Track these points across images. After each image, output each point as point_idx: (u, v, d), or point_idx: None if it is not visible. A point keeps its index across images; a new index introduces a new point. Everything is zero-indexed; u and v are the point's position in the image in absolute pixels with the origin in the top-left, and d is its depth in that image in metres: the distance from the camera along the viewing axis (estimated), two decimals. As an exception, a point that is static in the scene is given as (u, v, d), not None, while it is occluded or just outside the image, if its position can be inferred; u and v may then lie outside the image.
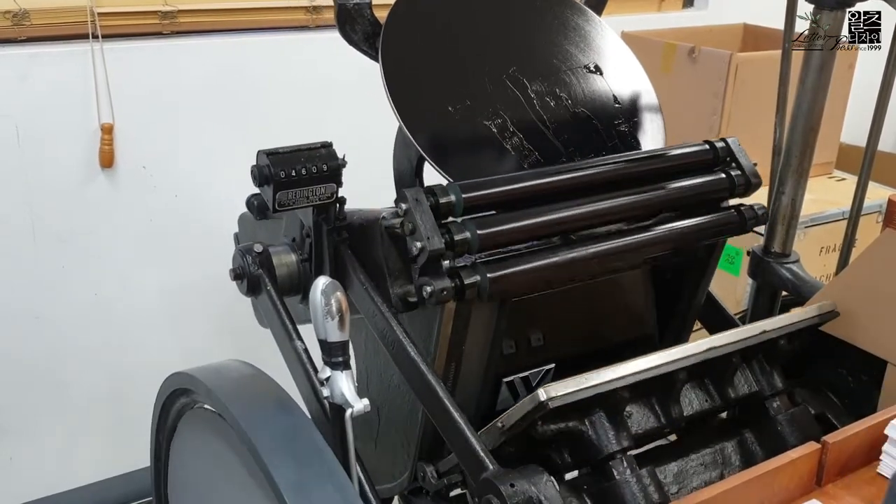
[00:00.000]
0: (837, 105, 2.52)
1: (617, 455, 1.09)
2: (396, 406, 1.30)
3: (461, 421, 1.05)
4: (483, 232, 1.10)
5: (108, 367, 2.20)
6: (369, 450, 1.37)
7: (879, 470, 1.04)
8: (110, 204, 2.09)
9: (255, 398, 1.11)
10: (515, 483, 0.97)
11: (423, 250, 1.06)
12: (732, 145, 1.31)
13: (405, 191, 1.09)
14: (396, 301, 1.14)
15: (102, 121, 2.00)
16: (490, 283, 1.09)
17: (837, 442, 1.01)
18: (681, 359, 1.13)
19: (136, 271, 2.17)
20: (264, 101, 2.19)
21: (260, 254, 1.26)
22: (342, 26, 1.26)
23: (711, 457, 1.20)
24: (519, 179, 1.19)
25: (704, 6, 2.92)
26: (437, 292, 1.06)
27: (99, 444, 2.24)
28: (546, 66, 1.33)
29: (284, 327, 1.22)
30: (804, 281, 1.38)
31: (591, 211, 1.20)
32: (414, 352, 1.12)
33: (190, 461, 1.34)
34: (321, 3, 2.25)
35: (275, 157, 1.16)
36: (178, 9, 2.09)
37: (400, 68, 1.22)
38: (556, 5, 1.39)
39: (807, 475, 1.01)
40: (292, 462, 0.97)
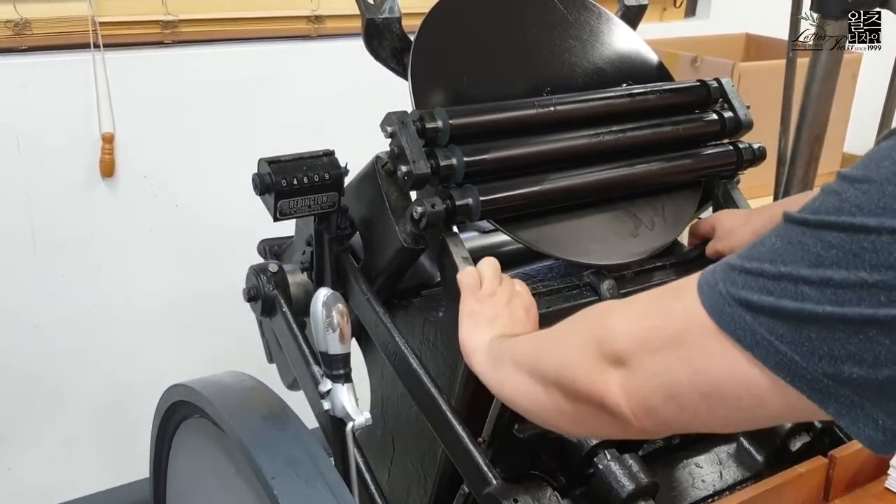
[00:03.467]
0: (841, 114, 2.51)
1: (598, 450, 1.09)
2: (414, 437, 1.29)
3: (464, 435, 1.04)
4: (470, 159, 1.11)
5: (109, 377, 2.19)
6: (383, 477, 1.36)
7: (887, 485, 1.02)
8: (111, 213, 2.08)
9: (254, 410, 1.10)
10: (519, 498, 0.97)
11: (408, 174, 1.07)
12: (726, 86, 1.32)
13: (391, 113, 1.10)
14: (405, 238, 1.14)
15: (103, 130, 1.99)
16: (482, 205, 1.10)
17: (845, 456, 1.00)
18: None
19: (136, 281, 2.15)
20: (266, 111, 2.18)
21: (275, 273, 1.24)
22: (369, 41, 1.23)
23: (708, 458, 1.20)
24: (509, 108, 1.20)
25: (706, 16, 2.91)
26: (428, 212, 1.07)
27: (99, 454, 2.23)
28: (581, 85, 1.30)
29: (301, 351, 1.19)
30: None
31: (580, 144, 1.21)
32: (416, 363, 1.11)
33: (189, 473, 1.33)
34: (323, 12, 2.24)
35: (276, 165, 1.15)
36: (179, 18, 2.08)
37: (429, 87, 1.20)
38: (593, 20, 1.36)
39: (814, 490, 1.00)
40: (291, 474, 0.96)
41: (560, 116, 1.22)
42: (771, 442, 1.19)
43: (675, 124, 1.29)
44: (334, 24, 2.24)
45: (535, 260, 1.37)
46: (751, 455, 1.21)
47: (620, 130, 1.25)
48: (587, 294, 1.19)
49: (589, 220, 1.22)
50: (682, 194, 1.31)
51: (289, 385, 1.44)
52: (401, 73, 1.26)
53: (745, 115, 1.32)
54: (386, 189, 1.16)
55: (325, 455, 1.01)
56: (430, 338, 1.22)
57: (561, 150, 1.21)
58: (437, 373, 1.17)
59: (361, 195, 1.23)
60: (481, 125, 1.17)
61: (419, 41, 1.22)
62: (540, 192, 1.18)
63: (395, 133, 1.10)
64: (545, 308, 1.15)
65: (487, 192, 1.12)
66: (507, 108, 1.20)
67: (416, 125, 1.11)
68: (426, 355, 1.21)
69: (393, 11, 1.22)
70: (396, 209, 1.16)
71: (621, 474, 1.04)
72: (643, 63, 1.37)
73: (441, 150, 1.11)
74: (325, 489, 0.94)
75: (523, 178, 1.18)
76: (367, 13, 1.21)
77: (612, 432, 0.76)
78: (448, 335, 1.17)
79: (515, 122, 1.20)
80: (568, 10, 1.35)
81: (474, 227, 1.44)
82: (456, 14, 1.29)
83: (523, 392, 0.83)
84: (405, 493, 1.32)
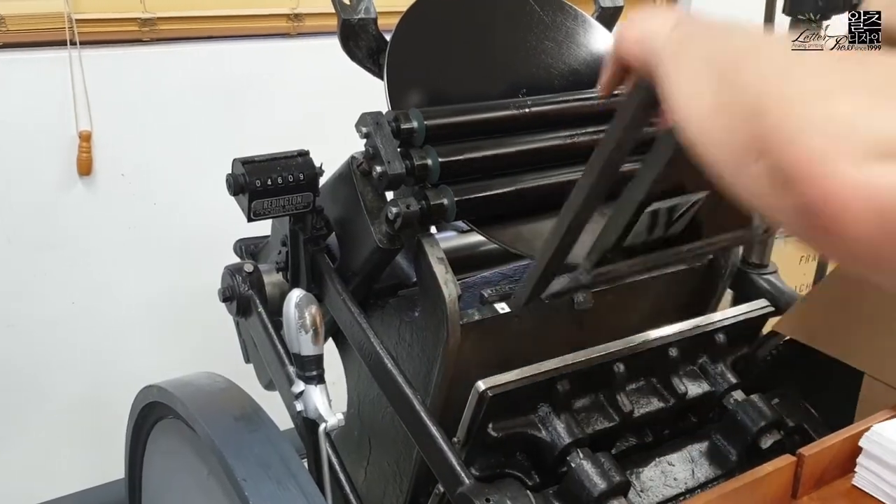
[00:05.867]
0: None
1: (572, 449, 1.10)
2: (390, 438, 1.29)
3: (437, 435, 1.05)
4: (445, 159, 1.11)
5: (86, 377, 2.18)
6: (359, 477, 1.36)
7: (854, 482, 1.04)
8: (88, 212, 2.07)
9: (227, 411, 1.10)
10: (491, 497, 0.97)
11: (383, 174, 1.07)
12: None
13: (366, 114, 1.10)
14: (381, 238, 1.14)
15: (80, 128, 1.98)
16: (457, 206, 1.10)
17: (813, 454, 1.01)
18: (615, 351, 1.16)
19: (114, 279, 2.15)
20: (245, 109, 2.17)
21: (250, 273, 1.24)
22: (345, 42, 1.22)
23: (680, 456, 1.21)
24: (484, 109, 1.20)
25: (686, 15, 2.93)
26: (403, 213, 1.07)
27: (76, 454, 2.22)
28: (556, 87, 1.31)
29: (276, 351, 1.19)
30: (781, 291, 1.38)
31: (555, 144, 1.21)
32: (391, 363, 1.12)
33: (163, 474, 1.33)
34: (303, 10, 2.24)
35: (250, 165, 1.15)
36: (157, 16, 2.07)
37: (405, 87, 1.20)
38: (569, 21, 1.36)
39: (782, 488, 1.01)
40: (263, 476, 0.96)
41: (535, 117, 1.22)
42: (742, 440, 1.21)
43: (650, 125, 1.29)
44: (314, 23, 2.24)
45: (512, 260, 1.38)
46: (722, 453, 1.22)
47: (596, 131, 1.25)
48: None
49: None
50: None
51: (265, 385, 1.45)
52: (377, 74, 1.26)
53: None
54: (361, 189, 1.16)
55: (297, 457, 1.02)
56: (406, 338, 1.23)
57: (536, 150, 1.22)
58: (413, 373, 1.18)
59: (337, 195, 1.23)
60: (457, 126, 1.18)
61: (395, 42, 1.22)
62: (515, 192, 1.18)
63: (370, 133, 1.10)
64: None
65: (463, 193, 1.13)
66: (483, 109, 1.20)
67: (391, 126, 1.11)
68: (402, 356, 1.22)
69: (369, 12, 1.22)
70: (372, 209, 1.16)
71: (594, 473, 1.05)
72: None
73: (416, 150, 1.12)
74: (296, 491, 0.94)
75: (499, 178, 1.18)
76: (343, 14, 1.21)
77: (786, 220, 0.51)
78: (424, 335, 1.17)
79: (491, 123, 1.20)
80: (544, 12, 1.35)
81: (452, 227, 1.45)
82: (432, 15, 1.29)
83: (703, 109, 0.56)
84: (381, 494, 1.32)
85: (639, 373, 1.21)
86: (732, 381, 1.26)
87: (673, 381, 1.22)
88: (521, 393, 1.09)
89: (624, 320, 1.27)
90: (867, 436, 1.03)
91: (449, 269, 1.11)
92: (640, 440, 1.24)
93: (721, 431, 1.24)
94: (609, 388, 1.17)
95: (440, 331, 1.11)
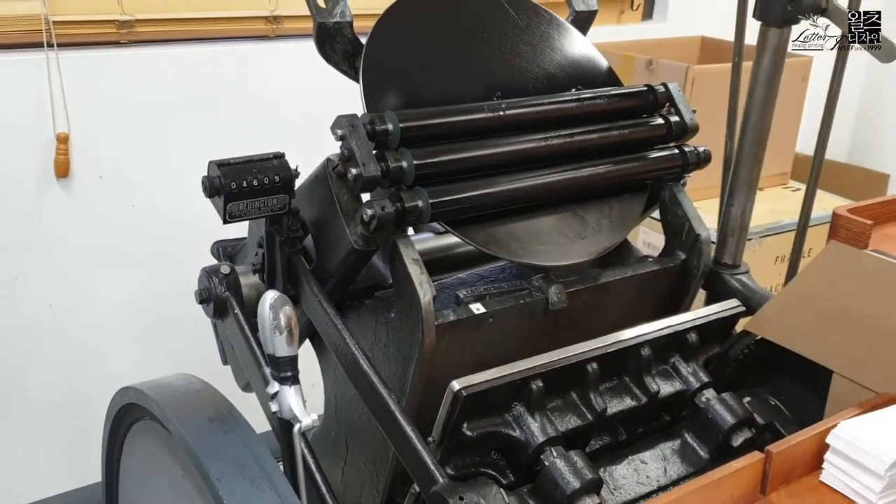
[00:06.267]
0: (792, 116, 2.57)
1: (545, 447, 1.11)
2: (366, 438, 1.30)
3: (412, 434, 1.06)
4: (420, 161, 1.12)
5: (64, 380, 2.17)
6: (337, 478, 1.37)
7: (822, 478, 1.05)
8: (66, 214, 2.06)
9: (201, 412, 1.10)
10: (465, 496, 0.98)
11: (358, 176, 1.08)
12: (673, 90, 1.36)
13: (341, 116, 1.11)
14: (356, 240, 1.15)
15: (58, 130, 1.98)
16: (432, 207, 1.12)
17: (781, 451, 1.03)
18: (588, 350, 1.18)
19: (92, 282, 2.14)
20: (223, 111, 2.17)
21: (227, 275, 1.25)
22: (321, 45, 1.24)
23: (653, 454, 1.23)
24: (459, 112, 1.21)
25: (663, 18, 2.96)
26: (378, 214, 1.08)
27: (54, 458, 2.21)
28: (531, 90, 1.32)
29: (252, 353, 1.19)
30: (753, 292, 1.40)
31: (529, 147, 1.23)
32: (366, 364, 1.13)
33: (140, 475, 1.33)
34: (282, 13, 2.25)
35: (226, 167, 1.16)
36: (135, 18, 2.07)
37: (380, 90, 1.22)
38: (543, 25, 1.38)
39: (751, 484, 1.02)
40: (237, 476, 0.97)
41: (510, 120, 1.24)
42: (714, 438, 1.23)
43: (622, 128, 1.31)
44: (292, 25, 2.25)
45: (488, 261, 1.40)
46: (694, 451, 1.24)
47: (569, 134, 1.27)
48: (537, 295, 1.21)
49: (537, 223, 1.25)
50: (628, 196, 1.34)
51: (243, 387, 1.45)
52: (353, 77, 1.27)
53: (692, 119, 1.35)
54: (337, 191, 1.17)
55: (272, 457, 1.02)
56: (382, 339, 1.23)
57: (510, 153, 1.23)
58: (389, 374, 1.19)
59: (313, 197, 1.23)
60: (432, 128, 1.19)
61: (371, 45, 1.23)
62: (489, 194, 1.20)
63: (345, 136, 1.11)
64: (494, 308, 1.17)
65: (438, 195, 1.14)
66: (458, 112, 1.22)
67: (366, 128, 1.12)
68: (378, 356, 1.22)
69: (344, 16, 1.23)
70: (347, 211, 1.17)
71: (567, 471, 1.06)
72: (592, 68, 1.40)
73: (391, 152, 1.13)
74: (270, 491, 0.95)
75: (473, 180, 1.20)
76: (319, 17, 1.22)
77: None
78: (400, 336, 1.18)
79: (466, 126, 1.22)
80: (519, 16, 1.37)
81: (429, 229, 1.46)
82: (408, 18, 1.30)
83: None
84: (358, 494, 1.33)
85: (612, 372, 1.23)
86: (704, 379, 1.28)
87: (645, 380, 1.23)
88: (496, 392, 1.10)
89: (599, 320, 1.28)
90: (834, 433, 1.05)
91: (424, 270, 1.12)
92: (613, 438, 1.26)
93: (693, 429, 1.25)
94: (582, 387, 1.19)
95: (415, 331, 1.12)
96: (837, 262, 1.22)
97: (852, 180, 3.22)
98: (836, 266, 1.22)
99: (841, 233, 1.21)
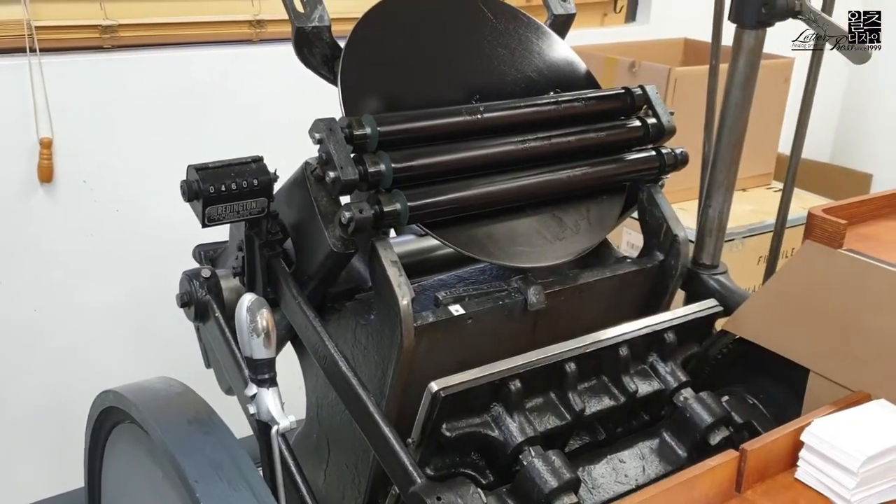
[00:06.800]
0: (774, 118, 2.59)
1: (524, 447, 1.12)
2: (347, 440, 1.31)
3: (391, 436, 1.07)
4: (398, 165, 1.13)
5: (48, 385, 2.17)
6: (319, 480, 1.38)
7: (797, 475, 1.06)
8: (50, 219, 2.06)
9: (180, 415, 1.11)
10: (442, 496, 0.99)
11: (336, 179, 1.09)
12: (650, 93, 1.37)
13: (319, 120, 1.12)
14: (335, 242, 1.16)
15: (41, 135, 1.98)
16: (410, 210, 1.12)
17: (755, 449, 1.04)
18: (566, 351, 1.19)
19: (76, 286, 2.14)
20: (207, 115, 2.18)
21: (208, 278, 1.25)
22: (300, 50, 1.25)
23: (631, 453, 1.24)
24: (437, 115, 1.22)
25: (646, 21, 2.97)
26: (356, 217, 1.09)
27: (37, 463, 2.20)
28: (509, 93, 1.33)
29: (233, 356, 1.20)
30: (731, 291, 1.41)
31: (508, 150, 1.24)
32: (345, 366, 1.13)
33: (122, 478, 1.33)
34: (265, 17, 2.25)
35: (204, 172, 1.16)
36: (118, 23, 2.08)
37: (359, 94, 1.22)
38: (522, 29, 1.39)
39: (727, 482, 1.03)
40: (215, 478, 0.98)
41: (488, 123, 1.25)
42: (691, 437, 1.24)
43: (599, 130, 1.33)
44: (275, 29, 2.25)
45: (468, 263, 1.40)
46: (672, 450, 1.25)
47: (547, 137, 1.28)
48: (515, 296, 1.22)
49: (516, 224, 1.26)
50: (606, 198, 1.35)
51: (226, 390, 1.45)
52: (331, 81, 1.27)
53: (669, 121, 1.36)
54: (315, 194, 1.18)
55: (249, 459, 1.03)
56: (362, 341, 1.24)
57: (488, 156, 1.24)
58: (369, 376, 1.19)
59: (292, 200, 1.24)
60: (410, 132, 1.20)
61: (349, 49, 1.24)
62: (468, 197, 1.21)
63: (323, 139, 1.12)
64: (473, 309, 1.18)
65: (416, 198, 1.15)
66: (436, 115, 1.23)
67: (344, 132, 1.12)
68: (358, 359, 1.23)
69: (322, 20, 1.24)
70: (326, 214, 1.18)
71: (545, 470, 1.07)
72: (571, 71, 1.41)
73: (370, 156, 1.13)
74: (247, 491, 0.96)
75: (452, 183, 1.20)
76: (297, 22, 1.23)
77: None
78: (379, 338, 1.19)
79: (444, 129, 1.22)
80: (498, 20, 1.38)
81: (410, 231, 1.46)
82: (386, 22, 1.31)
83: None
84: (340, 496, 1.33)
85: (590, 372, 1.24)
86: (682, 379, 1.29)
87: (624, 379, 1.25)
88: (474, 393, 1.11)
89: (578, 321, 1.29)
90: (808, 430, 1.06)
91: (402, 272, 1.13)
92: (592, 438, 1.27)
93: (671, 428, 1.26)
94: (561, 387, 1.20)
95: (394, 333, 1.13)
96: (813, 262, 1.23)
97: (835, 180, 3.24)
98: (811, 266, 1.23)
99: (816, 233, 1.22)
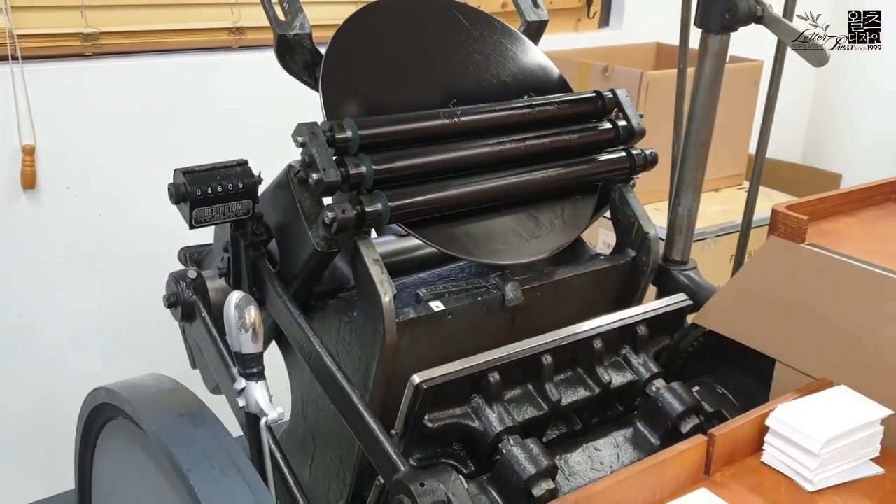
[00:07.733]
0: (744, 120, 2.66)
1: (503, 436, 1.16)
2: (332, 434, 1.34)
3: (374, 425, 1.11)
4: (378, 167, 1.18)
5: (34, 389, 2.18)
6: (305, 475, 1.42)
7: (763, 458, 1.11)
8: (33, 225, 2.08)
9: (172, 409, 1.14)
10: (425, 482, 1.03)
11: (319, 181, 1.13)
12: (621, 96, 1.42)
13: (302, 124, 1.16)
14: (318, 242, 1.20)
15: (24, 142, 2.00)
16: (391, 210, 1.17)
17: (723, 434, 1.09)
18: (542, 344, 1.24)
19: (60, 291, 2.16)
20: (188, 122, 2.21)
21: (194, 279, 1.28)
22: (281, 56, 1.28)
23: (606, 442, 1.28)
24: (416, 119, 1.27)
25: (619, 26, 3.03)
26: (339, 218, 1.13)
27: (25, 466, 2.22)
28: (485, 98, 1.38)
29: (220, 354, 1.23)
30: (700, 286, 1.46)
31: (484, 151, 1.29)
32: (330, 361, 1.17)
33: (112, 475, 1.36)
34: (244, 24, 2.29)
35: (191, 175, 1.20)
36: (100, 31, 2.10)
37: (340, 98, 1.26)
38: (496, 36, 1.44)
39: (696, 465, 1.08)
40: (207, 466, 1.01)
41: (465, 126, 1.30)
42: (664, 425, 1.29)
43: (572, 133, 1.38)
44: (255, 36, 2.29)
45: (448, 261, 1.45)
46: (645, 438, 1.30)
47: (521, 139, 1.33)
48: (493, 292, 1.26)
49: (493, 223, 1.30)
50: (580, 197, 1.40)
51: (212, 390, 1.49)
52: (313, 86, 1.31)
53: (638, 124, 1.41)
54: (299, 196, 1.22)
55: (240, 448, 1.07)
56: (345, 337, 1.28)
57: (466, 157, 1.29)
58: (353, 370, 1.23)
59: (276, 202, 1.28)
60: (390, 135, 1.24)
61: (330, 55, 1.29)
62: (446, 197, 1.25)
63: (306, 143, 1.16)
64: (453, 305, 1.22)
65: (396, 198, 1.19)
66: (415, 119, 1.27)
67: (326, 135, 1.17)
68: (342, 354, 1.27)
69: (304, 28, 1.28)
70: (309, 215, 1.22)
71: (523, 458, 1.11)
72: (544, 76, 1.46)
73: (351, 158, 1.18)
74: (238, 478, 0.99)
75: (431, 184, 1.25)
76: (279, 29, 1.27)
77: None
78: (362, 334, 1.23)
79: (422, 132, 1.27)
80: (473, 27, 1.43)
81: (392, 231, 1.51)
82: (366, 29, 1.35)
83: None
84: (326, 490, 1.37)
85: (566, 364, 1.29)
86: (654, 370, 1.34)
87: (598, 371, 1.29)
88: (455, 385, 1.16)
89: (554, 315, 1.34)
90: (773, 415, 1.11)
91: (384, 270, 1.17)
92: (569, 428, 1.32)
93: (644, 418, 1.31)
94: (538, 379, 1.24)
95: (377, 329, 1.17)
96: (777, 257, 1.28)
97: (806, 180, 3.31)
98: (775, 260, 1.29)
99: (780, 228, 1.27)
